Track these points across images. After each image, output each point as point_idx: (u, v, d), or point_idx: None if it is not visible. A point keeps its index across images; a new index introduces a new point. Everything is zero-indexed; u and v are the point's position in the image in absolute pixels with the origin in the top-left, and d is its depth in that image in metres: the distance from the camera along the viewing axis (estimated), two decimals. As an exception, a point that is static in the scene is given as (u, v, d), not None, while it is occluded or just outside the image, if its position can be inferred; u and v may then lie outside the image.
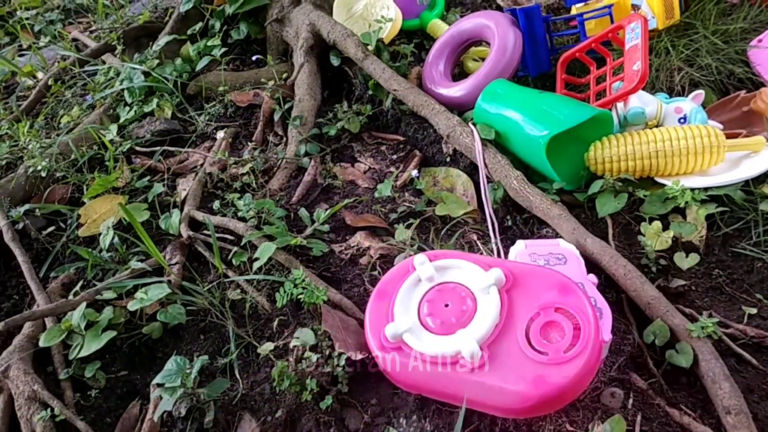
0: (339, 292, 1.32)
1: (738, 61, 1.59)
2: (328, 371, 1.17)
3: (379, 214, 1.49)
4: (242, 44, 2.11)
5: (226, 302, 1.35)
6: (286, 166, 1.64)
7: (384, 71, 1.69)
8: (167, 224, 1.53)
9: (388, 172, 1.63)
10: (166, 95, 1.92)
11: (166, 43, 2.03)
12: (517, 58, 1.63)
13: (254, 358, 1.27)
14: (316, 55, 1.89)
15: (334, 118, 1.77)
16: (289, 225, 1.49)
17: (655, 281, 1.25)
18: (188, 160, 1.75)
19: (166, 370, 1.16)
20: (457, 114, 1.62)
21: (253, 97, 1.88)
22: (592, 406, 1.08)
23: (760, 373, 1.11)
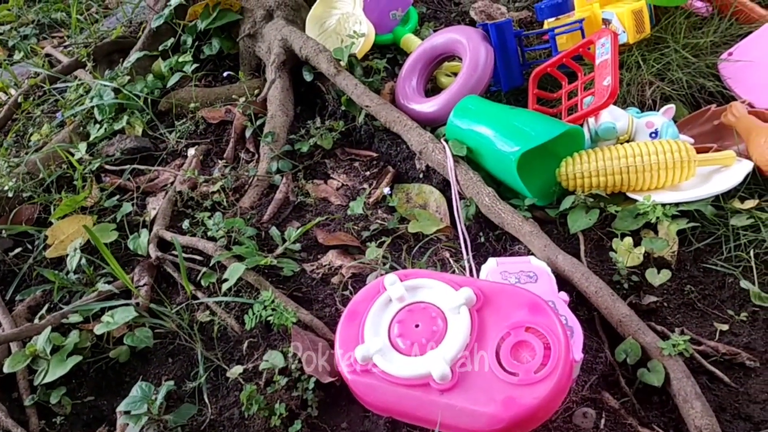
0: (310, 312, 1.30)
1: (708, 74, 1.59)
2: (298, 395, 1.16)
3: (351, 232, 1.48)
4: (215, 60, 2.09)
5: (194, 324, 1.33)
6: (257, 184, 1.62)
7: (356, 87, 1.68)
8: (135, 245, 1.50)
9: (361, 188, 1.62)
10: (136, 112, 1.89)
11: (137, 59, 2.01)
12: (488, 74, 1.63)
13: (223, 382, 1.24)
14: (289, 71, 1.88)
15: (306, 135, 1.75)
16: (260, 244, 1.47)
17: (627, 298, 1.24)
18: (158, 179, 1.73)
19: (131, 396, 1.14)
20: (430, 130, 1.61)
21: (224, 114, 1.86)
22: (564, 426, 1.07)
23: (732, 391, 1.11)
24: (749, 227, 1.32)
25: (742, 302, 1.24)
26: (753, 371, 1.13)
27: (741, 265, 1.29)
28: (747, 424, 1.06)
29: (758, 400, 1.09)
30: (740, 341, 1.18)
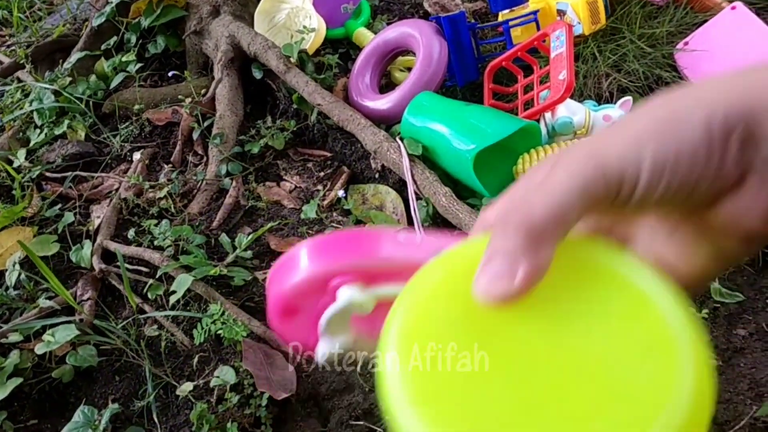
0: (263, 323, 1.25)
1: (665, 65, 1.57)
2: (251, 412, 1.11)
3: (305, 237, 1.43)
4: (160, 58, 2.00)
5: (141, 340, 1.26)
6: (206, 188, 1.56)
7: (307, 84, 1.62)
8: (78, 257, 1.43)
9: (315, 190, 1.56)
10: (78, 116, 1.81)
11: (78, 59, 1.92)
12: (442, 68, 1.58)
13: (173, 399, 1.19)
14: (238, 69, 1.81)
15: (257, 135, 1.68)
16: (210, 252, 1.41)
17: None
18: (102, 185, 1.65)
19: (72, 422, 1.08)
20: (385, 128, 1.56)
21: (171, 115, 1.78)
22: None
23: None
24: (709, 222, 1.30)
25: (703, 299, 1.22)
26: (715, 370, 1.11)
27: (701, 261, 1.27)
28: (711, 426, 1.04)
29: (721, 399, 1.07)
30: (702, 339, 1.16)
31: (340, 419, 1.10)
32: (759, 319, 1.18)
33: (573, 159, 0.31)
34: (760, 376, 1.09)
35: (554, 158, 0.32)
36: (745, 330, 1.17)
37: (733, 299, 1.21)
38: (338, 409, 1.12)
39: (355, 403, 1.12)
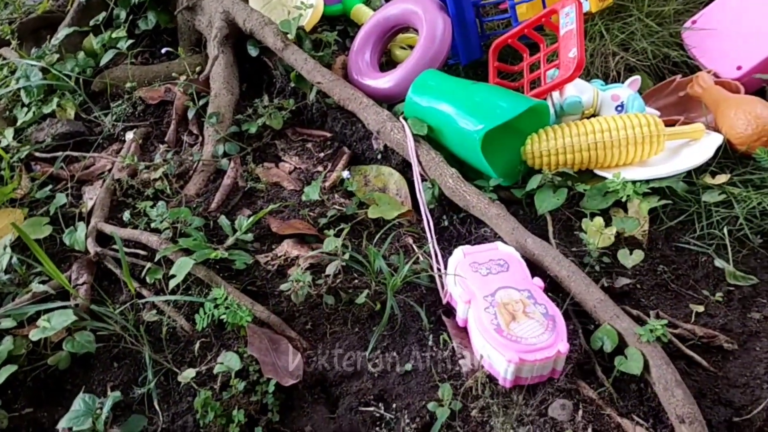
0: (266, 308, 1.21)
1: (673, 44, 1.54)
2: (257, 399, 1.07)
3: (307, 220, 1.39)
4: (151, 35, 1.94)
5: (140, 325, 1.22)
6: (203, 169, 1.51)
7: (306, 62, 1.57)
8: (72, 239, 1.38)
9: (315, 171, 1.52)
10: (67, 94, 1.75)
11: (66, 35, 1.86)
12: (446, 46, 1.54)
13: (175, 386, 1.15)
14: (232, 46, 1.76)
15: (254, 114, 1.64)
16: (209, 235, 1.37)
17: (599, 281, 1.19)
18: (94, 166, 1.60)
19: (73, 411, 1.04)
20: (387, 107, 1.52)
21: (164, 93, 1.73)
22: (540, 420, 1.02)
23: (711, 375, 1.07)
24: (721, 203, 1.28)
25: (716, 282, 1.21)
26: (731, 354, 1.10)
27: (714, 243, 1.25)
28: (728, 410, 1.02)
29: (738, 384, 1.05)
30: (716, 323, 1.14)
31: (349, 405, 1.07)
32: (774, 302, 1.17)
33: None
34: (776, 359, 1.07)
35: None
36: (760, 313, 1.15)
37: (747, 282, 1.19)
38: (347, 395, 1.09)
39: (364, 389, 1.09)
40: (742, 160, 1.37)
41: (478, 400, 1.04)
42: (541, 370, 1.04)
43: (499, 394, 1.04)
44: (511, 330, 1.04)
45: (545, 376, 1.06)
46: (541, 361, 1.01)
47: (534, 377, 1.05)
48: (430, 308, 1.19)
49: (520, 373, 1.03)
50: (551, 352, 1.02)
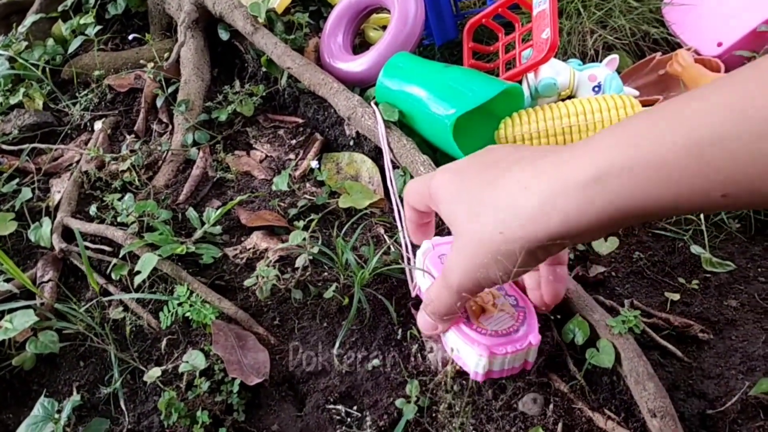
0: (234, 303, 1.19)
1: (653, 20, 1.50)
2: (222, 399, 1.05)
3: (277, 210, 1.35)
4: (121, 20, 1.90)
5: (106, 324, 1.20)
6: (172, 159, 1.48)
7: (276, 46, 1.53)
8: (37, 236, 1.35)
9: (287, 159, 1.49)
10: (35, 83, 1.71)
11: (33, 22, 1.81)
12: (419, 27, 1.50)
13: (141, 385, 1.13)
14: (203, 30, 1.71)
15: (224, 101, 1.59)
16: (177, 228, 1.34)
17: (573, 269, 1.16)
18: (63, 158, 1.56)
19: (32, 416, 1.02)
20: (359, 92, 1.48)
21: (133, 81, 1.69)
22: (511, 415, 1.00)
23: (685, 366, 1.04)
24: (698, 187, 1.25)
25: (693, 269, 1.18)
26: (706, 343, 1.07)
27: (691, 229, 1.22)
28: (702, 402, 1.00)
29: (712, 375, 1.03)
30: (692, 311, 1.12)
31: (317, 403, 1.05)
32: (751, 290, 1.14)
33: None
34: (752, 349, 1.04)
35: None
36: (737, 301, 1.12)
37: (725, 269, 1.16)
38: (314, 392, 1.07)
39: (332, 386, 1.06)
40: (721, 141, 1.33)
41: (447, 395, 1.01)
42: (512, 363, 1.01)
43: (469, 388, 1.02)
44: (480, 323, 1.01)
45: (517, 368, 1.03)
46: (512, 353, 0.99)
47: (506, 370, 1.02)
48: (400, 301, 1.16)
49: (492, 367, 1.00)
50: (522, 344, 0.99)
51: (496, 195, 0.50)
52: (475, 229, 0.51)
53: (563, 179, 0.48)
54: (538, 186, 0.49)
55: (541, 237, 0.49)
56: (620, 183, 0.44)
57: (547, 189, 0.48)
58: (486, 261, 0.51)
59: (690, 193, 0.41)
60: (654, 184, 0.41)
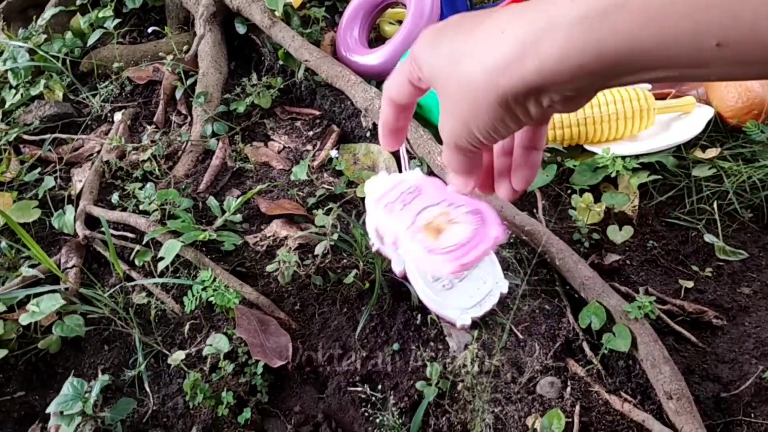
0: (255, 289, 1.21)
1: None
2: (246, 381, 1.08)
3: (296, 199, 1.38)
4: (138, 13, 1.92)
5: (130, 308, 1.22)
6: (191, 150, 1.50)
7: (294, 39, 1.56)
8: (60, 223, 1.37)
9: (304, 150, 1.51)
10: (55, 75, 1.73)
11: (52, 15, 1.84)
12: (435, 21, 1.52)
13: (165, 368, 1.15)
14: (220, 23, 1.74)
15: (242, 93, 1.62)
16: (197, 216, 1.36)
17: (589, 257, 1.19)
18: (83, 147, 1.59)
19: (62, 395, 1.04)
20: (375, 84, 1.51)
21: (152, 73, 1.71)
22: (529, 397, 1.02)
23: (699, 351, 1.07)
24: (711, 178, 1.27)
25: (706, 257, 1.20)
26: (720, 329, 1.10)
27: (704, 218, 1.24)
28: (716, 385, 1.03)
29: (726, 359, 1.05)
30: (706, 298, 1.14)
31: (338, 385, 1.08)
32: (763, 277, 1.16)
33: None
34: (765, 335, 1.07)
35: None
36: (750, 288, 1.15)
37: (737, 257, 1.18)
38: (335, 375, 1.09)
39: (353, 370, 1.09)
40: (732, 134, 1.36)
41: (466, 379, 1.04)
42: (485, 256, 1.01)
43: (488, 372, 1.04)
44: (441, 243, 1.01)
45: (486, 252, 1.03)
46: (483, 255, 0.99)
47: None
48: (419, 287, 1.19)
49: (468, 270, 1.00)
50: (488, 243, 1.00)
51: (474, 41, 0.46)
52: (456, 78, 0.46)
53: (545, 20, 0.42)
54: (516, 29, 0.44)
55: (516, 86, 0.44)
56: (609, 22, 0.38)
57: (525, 31, 0.43)
58: (472, 110, 0.47)
59: (680, 37, 0.37)
60: (643, 25, 0.37)
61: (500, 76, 0.43)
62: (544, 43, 0.42)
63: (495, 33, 0.45)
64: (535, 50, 0.42)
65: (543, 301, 1.13)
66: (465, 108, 0.47)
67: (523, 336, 1.08)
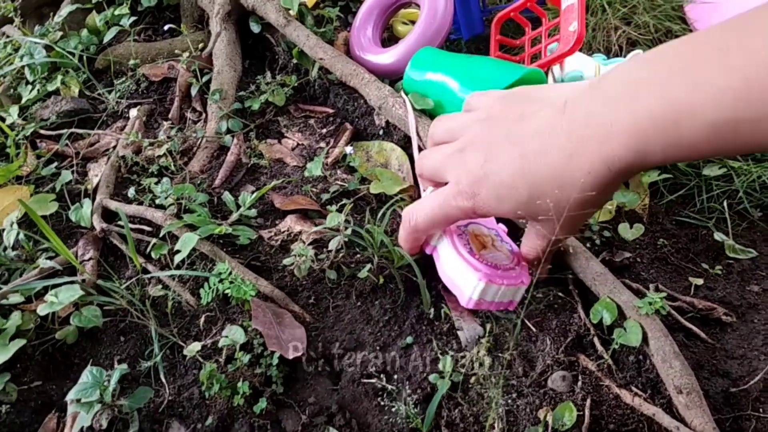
0: (270, 282, 1.23)
1: (675, 17, 1.53)
2: (261, 371, 1.09)
3: (310, 195, 1.40)
4: (154, 12, 1.95)
5: (146, 300, 1.24)
6: (206, 146, 1.52)
7: (308, 38, 1.58)
8: (78, 216, 1.39)
9: (318, 147, 1.53)
10: (71, 71, 1.76)
11: (69, 12, 1.86)
12: (448, 21, 1.54)
13: (181, 360, 1.17)
14: (235, 22, 1.76)
15: (257, 91, 1.64)
16: (213, 211, 1.38)
17: (600, 255, 1.20)
18: (99, 143, 1.61)
19: (81, 383, 1.06)
20: (389, 83, 1.52)
21: (167, 70, 1.73)
22: (540, 391, 1.03)
23: (709, 347, 1.08)
24: (721, 177, 1.29)
25: (716, 255, 1.22)
26: (729, 326, 1.11)
27: (714, 217, 1.25)
28: (725, 381, 1.04)
29: (735, 355, 1.07)
30: (715, 295, 1.15)
31: (352, 377, 1.09)
32: (773, 275, 1.18)
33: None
34: (774, 331, 1.08)
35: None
36: (759, 286, 1.16)
37: (747, 255, 1.20)
38: (349, 368, 1.11)
39: (366, 362, 1.10)
40: (743, 134, 1.37)
41: (479, 372, 1.05)
42: (503, 296, 1.05)
43: (499, 365, 1.06)
44: (482, 255, 1.06)
45: (504, 304, 1.07)
46: (506, 286, 1.03)
47: (494, 303, 1.05)
48: (430, 283, 1.21)
49: (485, 296, 1.03)
50: (516, 280, 1.04)
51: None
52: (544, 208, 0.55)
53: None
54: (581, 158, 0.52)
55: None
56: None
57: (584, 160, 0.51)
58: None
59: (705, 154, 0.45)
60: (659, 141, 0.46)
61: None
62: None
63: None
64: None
65: (555, 297, 1.15)
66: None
67: (536, 330, 1.10)
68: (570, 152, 0.49)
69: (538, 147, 0.52)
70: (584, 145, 0.47)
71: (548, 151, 0.51)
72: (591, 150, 0.47)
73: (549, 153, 0.51)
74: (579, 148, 0.48)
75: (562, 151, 0.49)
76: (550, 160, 0.51)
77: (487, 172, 0.55)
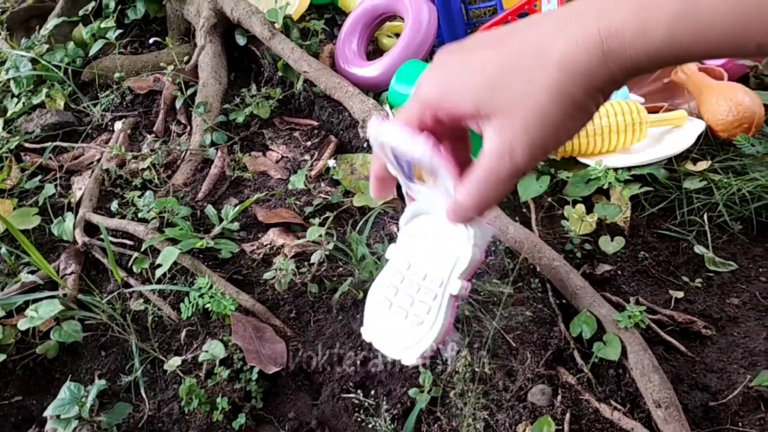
0: (252, 296, 1.23)
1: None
2: (241, 387, 1.09)
3: (293, 208, 1.40)
4: (140, 25, 1.95)
5: (127, 314, 1.24)
6: (190, 159, 1.52)
7: (293, 51, 1.58)
8: (60, 230, 1.39)
9: (302, 160, 1.53)
10: (57, 84, 1.76)
11: (55, 25, 1.86)
12: (432, 34, 1.55)
13: (161, 374, 1.17)
14: (221, 35, 1.76)
15: (241, 103, 1.64)
16: (195, 224, 1.38)
17: (581, 268, 1.20)
18: (83, 156, 1.61)
19: (59, 399, 1.05)
20: (373, 96, 1.53)
21: (153, 83, 1.73)
22: (519, 405, 1.03)
23: (689, 360, 1.08)
24: (702, 190, 1.29)
25: (696, 268, 1.22)
26: (709, 339, 1.11)
27: (694, 230, 1.26)
28: (704, 395, 1.04)
29: (715, 369, 1.07)
30: (695, 308, 1.15)
31: (332, 392, 1.09)
32: (752, 288, 1.18)
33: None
34: (753, 345, 1.08)
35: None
36: (739, 299, 1.16)
37: (727, 268, 1.20)
38: (329, 382, 1.11)
39: (346, 376, 1.10)
40: (723, 147, 1.38)
41: (458, 386, 1.05)
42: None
43: (480, 380, 1.06)
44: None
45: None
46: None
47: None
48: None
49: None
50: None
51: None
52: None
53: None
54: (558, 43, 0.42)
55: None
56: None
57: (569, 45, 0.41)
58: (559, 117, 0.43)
59: (722, 42, 0.38)
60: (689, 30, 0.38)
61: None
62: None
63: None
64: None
65: (535, 310, 1.14)
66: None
67: (515, 344, 1.10)
68: (558, 22, 0.41)
69: (519, 27, 0.43)
70: (578, 15, 0.40)
71: (529, 29, 0.42)
72: (586, 17, 0.39)
73: (529, 28, 0.42)
74: (570, 18, 0.40)
75: (550, 23, 0.41)
76: (532, 32, 0.42)
77: (461, 58, 0.44)
